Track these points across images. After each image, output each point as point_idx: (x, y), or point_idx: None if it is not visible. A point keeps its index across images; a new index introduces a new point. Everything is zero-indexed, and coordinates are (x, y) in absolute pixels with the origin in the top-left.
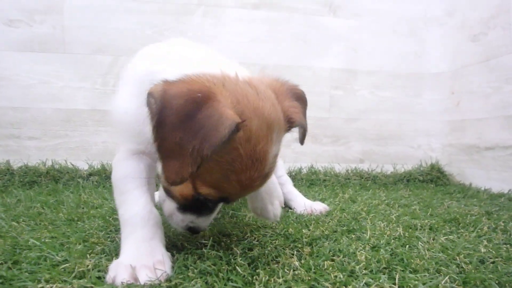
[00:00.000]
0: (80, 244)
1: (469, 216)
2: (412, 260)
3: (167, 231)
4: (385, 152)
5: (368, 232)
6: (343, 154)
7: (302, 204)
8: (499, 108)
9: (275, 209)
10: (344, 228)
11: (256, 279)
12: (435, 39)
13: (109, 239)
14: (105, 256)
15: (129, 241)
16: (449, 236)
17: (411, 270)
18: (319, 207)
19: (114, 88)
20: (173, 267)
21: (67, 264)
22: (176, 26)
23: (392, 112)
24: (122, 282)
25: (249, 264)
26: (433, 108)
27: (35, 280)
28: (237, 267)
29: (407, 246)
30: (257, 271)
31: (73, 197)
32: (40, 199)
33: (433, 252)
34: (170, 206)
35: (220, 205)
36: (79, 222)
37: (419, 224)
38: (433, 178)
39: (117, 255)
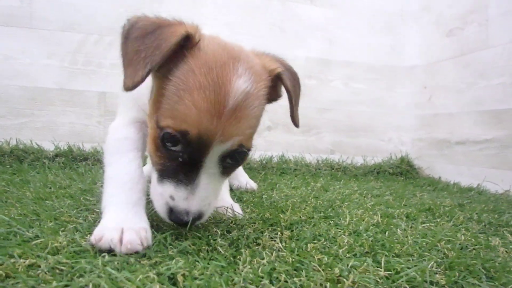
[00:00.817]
0: (51, 221)
1: (442, 207)
2: (394, 245)
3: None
4: (356, 144)
5: (347, 218)
6: (314, 144)
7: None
8: (472, 104)
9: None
10: (321, 214)
11: (239, 259)
12: (410, 34)
13: (81, 218)
14: (79, 233)
15: (114, 203)
16: (427, 224)
17: (394, 254)
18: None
19: (84, 67)
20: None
21: (38, 240)
22: (151, 6)
23: (365, 105)
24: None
25: (229, 245)
26: (404, 102)
27: (6, 254)
28: (218, 247)
29: (387, 232)
30: (238, 251)
31: (39, 177)
32: (4, 177)
33: (414, 238)
34: (153, 181)
35: (206, 180)
36: (47, 201)
37: (395, 213)
38: (402, 171)
39: (91, 233)
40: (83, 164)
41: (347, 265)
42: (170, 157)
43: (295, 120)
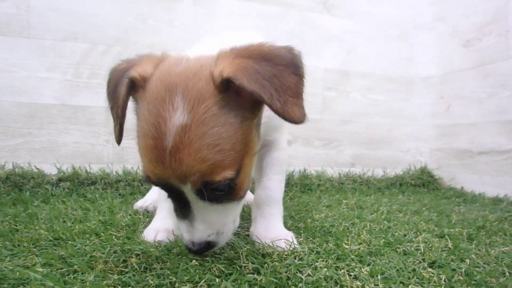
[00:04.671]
0: (89, 273)
1: (489, 222)
2: (486, 278)
3: None
4: (375, 156)
5: (414, 245)
6: (334, 158)
7: None
8: (494, 113)
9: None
10: (382, 240)
11: None
12: (424, 44)
13: (121, 264)
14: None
15: (161, 212)
16: (496, 248)
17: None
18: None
19: (89, 81)
20: None
21: None
22: (163, 14)
23: (383, 116)
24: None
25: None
26: (422, 112)
27: None
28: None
29: (467, 260)
30: None
31: (48, 209)
32: (6, 211)
33: (495, 265)
34: None
35: (198, 209)
36: (69, 241)
37: (452, 233)
38: (424, 182)
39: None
40: (91, 189)
41: None
42: (171, 195)
43: (285, 116)
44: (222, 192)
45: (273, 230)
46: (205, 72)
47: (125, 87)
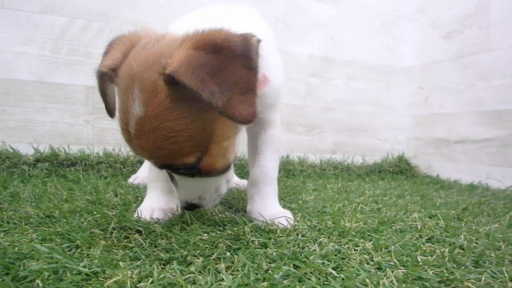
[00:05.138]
0: (94, 247)
1: (477, 206)
2: (488, 252)
3: None
4: (355, 144)
5: (409, 223)
6: (316, 144)
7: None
8: (472, 104)
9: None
10: (377, 220)
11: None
12: (406, 35)
13: (121, 237)
14: (139, 261)
15: (154, 188)
16: (484, 227)
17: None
18: (243, 183)
19: (68, 57)
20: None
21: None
22: None
23: (363, 104)
24: (145, 218)
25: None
26: (401, 102)
27: None
28: (315, 260)
29: (461, 236)
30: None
31: (30, 188)
32: None
33: (487, 242)
34: None
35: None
36: (62, 219)
37: (440, 214)
38: (401, 170)
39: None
40: (71, 171)
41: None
42: None
43: (228, 115)
44: (190, 172)
45: (271, 208)
46: (160, 64)
47: (98, 81)
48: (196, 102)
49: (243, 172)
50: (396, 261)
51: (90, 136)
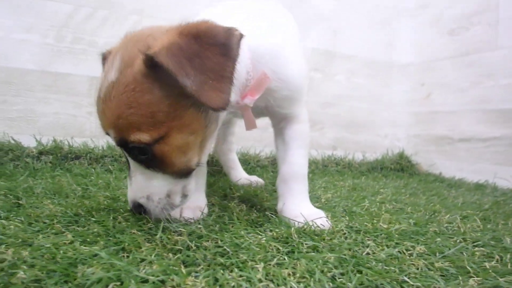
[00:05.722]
0: (147, 249)
1: (495, 206)
2: None
3: None
4: (355, 140)
5: (445, 225)
6: (318, 140)
7: (239, 175)
8: (477, 102)
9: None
10: (409, 220)
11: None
12: (406, 31)
13: (167, 240)
14: (200, 268)
15: None
16: None
17: None
18: (253, 179)
19: (71, 46)
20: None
21: (167, 285)
22: None
23: (364, 100)
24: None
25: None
26: (400, 98)
27: None
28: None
29: (507, 239)
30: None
31: (44, 184)
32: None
33: None
34: None
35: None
36: (91, 218)
37: (467, 215)
38: (402, 167)
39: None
40: (76, 164)
41: None
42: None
43: (200, 99)
44: (145, 156)
45: (304, 207)
46: (146, 43)
47: (102, 64)
48: (169, 85)
49: (247, 167)
50: (458, 268)
51: (93, 129)
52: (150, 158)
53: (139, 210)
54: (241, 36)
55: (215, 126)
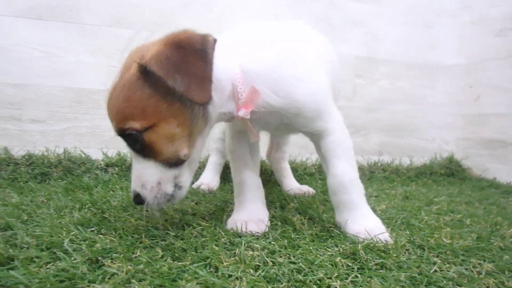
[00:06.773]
0: (224, 264)
1: None
2: None
3: None
4: (400, 144)
5: None
6: (362, 146)
7: (291, 185)
8: None
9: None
10: (474, 235)
11: None
12: (449, 32)
13: (234, 251)
14: (283, 285)
15: (240, 201)
16: None
17: None
18: (305, 188)
19: None
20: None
21: None
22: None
23: (407, 103)
24: (240, 231)
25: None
26: (446, 100)
27: None
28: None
29: None
30: None
31: (117, 195)
32: (79, 197)
33: None
34: None
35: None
36: (170, 232)
37: None
38: (453, 172)
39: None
40: None
41: None
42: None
43: (188, 97)
44: (137, 143)
45: (363, 220)
46: (141, 52)
47: None
48: (157, 85)
49: (295, 175)
50: None
51: None
52: (142, 145)
53: (138, 200)
54: (215, 41)
55: (203, 125)
